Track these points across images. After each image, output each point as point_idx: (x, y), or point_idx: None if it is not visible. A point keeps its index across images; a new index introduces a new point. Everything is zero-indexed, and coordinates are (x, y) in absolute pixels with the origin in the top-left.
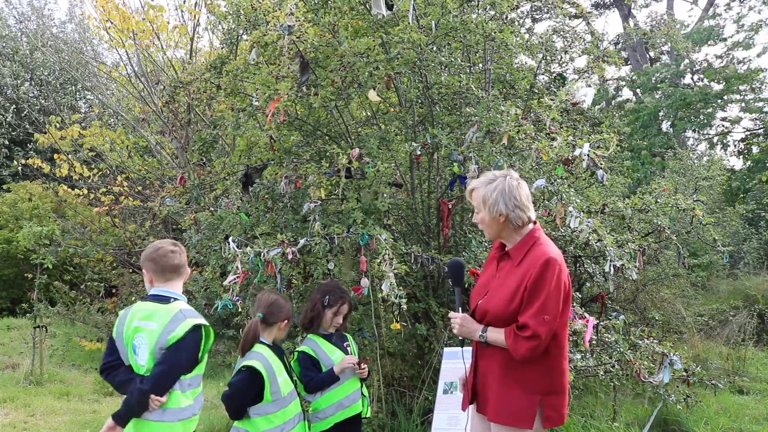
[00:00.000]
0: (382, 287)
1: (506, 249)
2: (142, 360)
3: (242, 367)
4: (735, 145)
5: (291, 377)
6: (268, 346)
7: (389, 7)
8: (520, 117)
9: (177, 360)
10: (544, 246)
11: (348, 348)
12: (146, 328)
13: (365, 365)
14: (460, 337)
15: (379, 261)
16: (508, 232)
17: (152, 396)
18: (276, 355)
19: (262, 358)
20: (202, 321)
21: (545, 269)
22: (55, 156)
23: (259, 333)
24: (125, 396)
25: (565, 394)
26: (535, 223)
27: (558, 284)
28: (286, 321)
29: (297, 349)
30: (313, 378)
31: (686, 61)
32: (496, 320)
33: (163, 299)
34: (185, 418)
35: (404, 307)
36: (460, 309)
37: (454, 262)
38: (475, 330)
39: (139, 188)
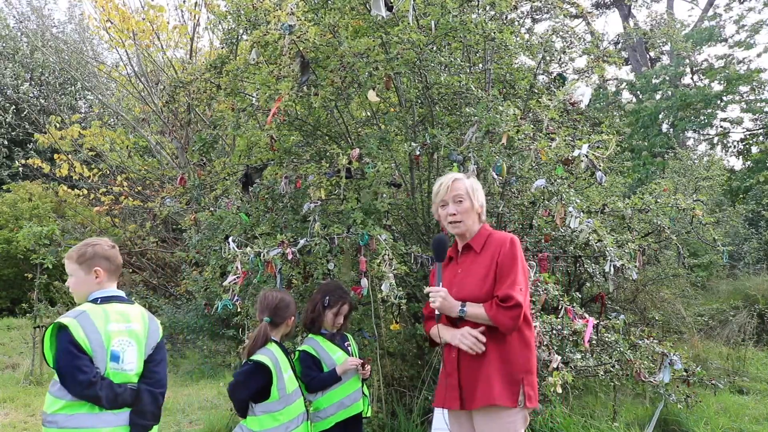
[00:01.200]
0: (382, 288)
1: (463, 244)
2: (129, 364)
3: (248, 360)
4: (734, 146)
5: (296, 375)
6: (276, 342)
7: (389, 7)
8: (519, 117)
9: (166, 356)
10: (500, 233)
11: (349, 348)
12: (128, 330)
13: (368, 366)
14: (437, 313)
15: (378, 261)
16: (476, 225)
17: None
18: (282, 352)
19: (270, 353)
20: None
21: (513, 246)
22: (55, 156)
23: (269, 336)
24: (135, 408)
25: (536, 375)
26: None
27: (523, 262)
28: (292, 317)
29: (298, 348)
30: (315, 377)
31: (686, 61)
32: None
33: (126, 300)
34: None
35: (404, 307)
36: (440, 283)
37: (438, 237)
38: (455, 305)
39: (139, 188)
